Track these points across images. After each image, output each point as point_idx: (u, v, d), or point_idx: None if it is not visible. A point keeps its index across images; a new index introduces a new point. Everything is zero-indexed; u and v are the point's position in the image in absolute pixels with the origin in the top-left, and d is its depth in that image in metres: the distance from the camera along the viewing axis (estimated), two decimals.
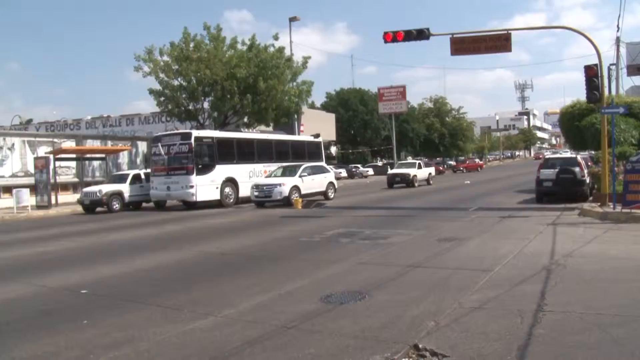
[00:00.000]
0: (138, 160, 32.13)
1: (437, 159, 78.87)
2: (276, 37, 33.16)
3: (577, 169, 18.18)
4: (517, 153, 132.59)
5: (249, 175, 24.51)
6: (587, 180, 18.33)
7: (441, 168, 60.53)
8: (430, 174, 35.54)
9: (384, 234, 11.94)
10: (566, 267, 7.77)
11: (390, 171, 36.26)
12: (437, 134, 77.73)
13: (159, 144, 22.66)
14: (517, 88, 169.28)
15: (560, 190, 18.18)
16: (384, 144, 71.18)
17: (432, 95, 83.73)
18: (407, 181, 32.06)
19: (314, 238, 11.86)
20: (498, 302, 6.07)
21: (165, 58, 32.14)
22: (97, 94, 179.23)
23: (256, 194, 21.96)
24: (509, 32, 16.57)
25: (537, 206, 17.37)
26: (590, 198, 17.48)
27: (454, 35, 16.73)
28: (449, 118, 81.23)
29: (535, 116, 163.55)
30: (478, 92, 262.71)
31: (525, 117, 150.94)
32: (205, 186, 22.10)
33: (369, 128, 69.27)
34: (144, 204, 24.40)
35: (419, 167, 34.33)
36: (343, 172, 51.01)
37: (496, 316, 5.57)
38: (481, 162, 66.69)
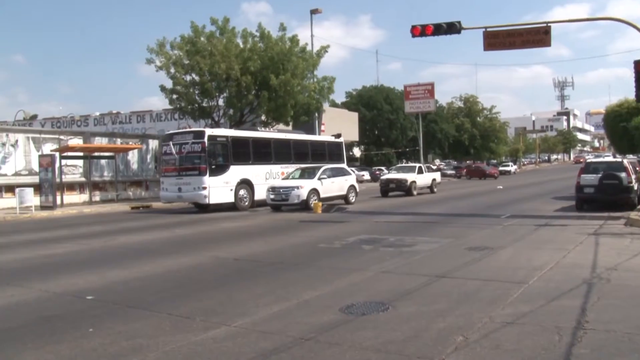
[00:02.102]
0: (148, 159, 32.50)
1: (467, 161, 78.25)
2: (283, 28, 33.06)
3: (623, 175, 17.83)
4: (554, 156, 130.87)
5: (265, 177, 24.65)
6: (635, 187, 17.98)
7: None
8: (434, 180, 32.77)
9: (409, 242, 11.93)
10: (610, 281, 7.63)
11: (383, 176, 34.12)
12: (468, 135, 77.20)
13: (170, 143, 22.91)
14: (556, 86, 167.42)
15: (603, 197, 17.87)
16: (410, 146, 70.89)
17: (462, 93, 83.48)
18: (404, 188, 29.48)
19: (334, 244, 11.89)
20: (533, 318, 5.98)
21: (177, 52, 32.39)
22: (106, 89, 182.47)
23: (272, 197, 22.09)
24: (549, 24, 16.37)
25: (576, 214, 17.11)
26: (639, 207, 17.15)
27: (488, 29, 16.60)
28: (480, 118, 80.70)
29: (576, 116, 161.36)
30: (512, 91, 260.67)
31: (564, 117, 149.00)
32: (218, 188, 22.30)
33: (394, 128, 69.10)
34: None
35: (420, 171, 31.69)
36: (366, 175, 50.97)
37: (531, 332, 5.48)
38: (493, 169, 59.42)
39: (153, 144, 33.02)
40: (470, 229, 14.05)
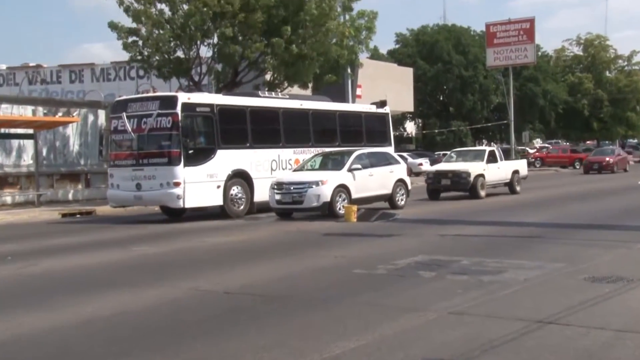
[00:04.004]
0: (89, 139, 32.79)
1: (587, 142, 77.31)
2: None
3: None
4: None
5: (270, 168, 24.89)
6: None
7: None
8: (516, 173, 32.10)
9: (493, 266, 11.88)
10: None
11: (432, 168, 33.93)
12: (589, 100, 76.45)
13: (124, 115, 23.07)
14: None
15: None
16: (494, 118, 70.51)
17: (580, 34, 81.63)
18: (464, 186, 28.95)
19: (377, 270, 11.91)
20: None
21: None
22: (19, 29, 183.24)
23: (278, 197, 22.19)
24: None
25: None
26: None
27: None
28: (611, 72, 79.77)
29: None
30: None
31: None
32: (199, 184, 22.48)
33: (470, 91, 68.89)
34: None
35: (491, 158, 30.71)
36: (425, 164, 50.84)
37: None
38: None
39: (97, 116, 33.34)
40: (590, 249, 13.90)
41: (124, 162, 23.26)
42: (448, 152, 40.10)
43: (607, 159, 54.07)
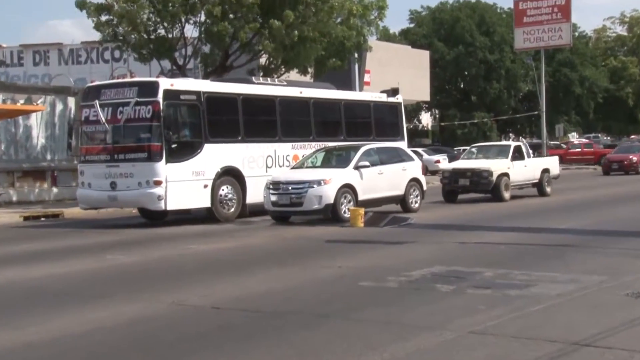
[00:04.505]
0: (57, 131, 32.74)
1: (632, 136, 77.04)
2: None
3: None
4: None
5: (265, 164, 24.93)
6: None
7: None
8: (546, 172, 31.97)
9: (521, 279, 11.89)
10: None
11: (448, 166, 34.33)
12: (634, 89, 76.35)
13: (97, 103, 23.05)
14: None
15: None
16: (524, 109, 70.44)
17: (624, 11, 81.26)
18: (485, 186, 29.00)
19: (387, 282, 11.94)
20: None
21: None
22: None
23: (274, 198, 22.25)
24: None
25: None
26: None
27: None
28: None
29: None
30: None
31: None
32: (183, 182, 22.50)
33: (495, 78, 68.83)
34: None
35: (516, 155, 30.70)
36: (443, 160, 50.83)
37: None
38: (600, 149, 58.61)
39: (65, 104, 33.32)
40: (636, 260, 13.91)
41: (96, 158, 23.27)
42: (468, 148, 40.26)
43: (631, 157, 51.37)
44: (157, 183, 22.01)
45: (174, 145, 22.35)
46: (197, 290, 11.80)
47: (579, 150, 64.94)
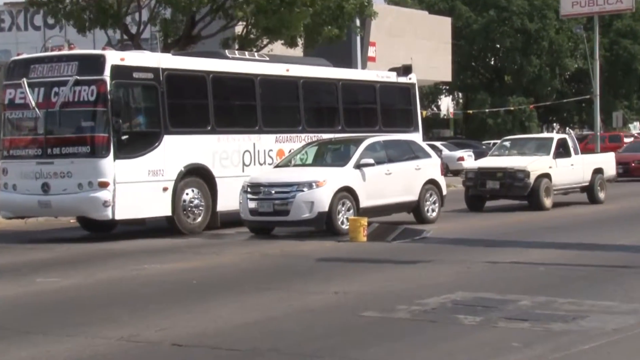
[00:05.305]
0: None
1: None
2: None
3: None
4: None
5: (241, 162, 25.00)
6: None
7: None
8: (599, 173, 32.29)
9: (567, 309, 11.90)
10: None
11: (474, 164, 35.18)
12: None
13: (24, 82, 23.01)
14: None
15: None
16: (571, 92, 70.58)
17: None
18: (520, 190, 29.38)
19: (396, 312, 11.94)
20: None
21: None
22: None
23: (253, 205, 22.31)
24: None
25: None
26: None
27: None
28: None
29: None
30: None
31: None
32: (136, 184, 22.57)
33: (535, 52, 68.98)
34: None
35: (560, 151, 31.23)
36: (468, 157, 51.06)
37: None
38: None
39: None
40: None
41: (24, 152, 23.31)
42: (499, 141, 40.36)
43: None
44: (103, 185, 21.94)
45: (124, 137, 22.34)
46: (153, 323, 11.70)
47: (602, 144, 60.67)
